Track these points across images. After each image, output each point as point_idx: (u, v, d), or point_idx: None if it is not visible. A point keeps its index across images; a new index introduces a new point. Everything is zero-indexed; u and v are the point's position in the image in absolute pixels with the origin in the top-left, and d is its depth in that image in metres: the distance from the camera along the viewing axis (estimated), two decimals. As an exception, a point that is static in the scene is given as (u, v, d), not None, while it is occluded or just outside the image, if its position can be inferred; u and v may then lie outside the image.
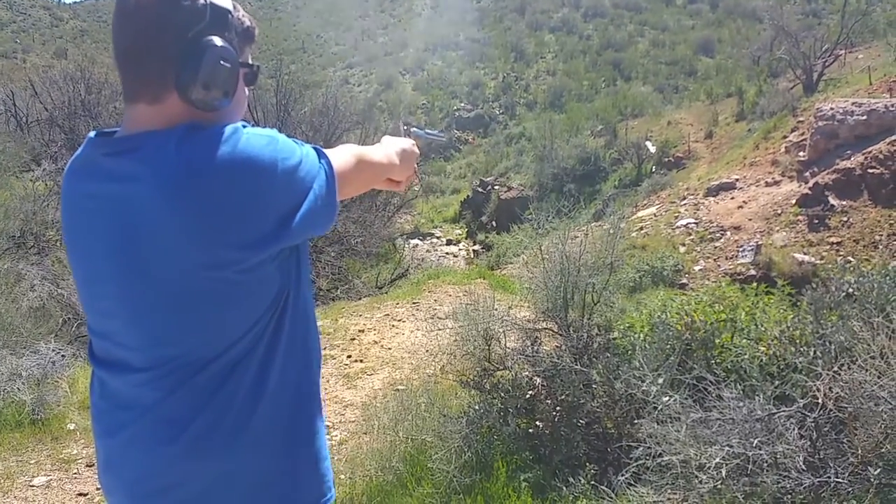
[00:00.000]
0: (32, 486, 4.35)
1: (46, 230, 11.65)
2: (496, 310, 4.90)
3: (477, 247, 23.16)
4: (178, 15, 1.15)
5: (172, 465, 1.22)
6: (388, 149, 1.68)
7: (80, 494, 4.26)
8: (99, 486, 4.24)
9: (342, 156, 1.41)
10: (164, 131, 1.15)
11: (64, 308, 8.68)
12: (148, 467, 1.23)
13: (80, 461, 4.65)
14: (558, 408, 3.95)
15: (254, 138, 1.16)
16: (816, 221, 11.80)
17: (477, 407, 4.21)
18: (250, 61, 1.32)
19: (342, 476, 4.24)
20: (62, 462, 4.63)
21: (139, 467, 1.24)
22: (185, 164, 1.10)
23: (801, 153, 14.53)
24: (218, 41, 1.18)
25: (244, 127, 1.18)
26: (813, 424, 2.72)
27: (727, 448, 2.71)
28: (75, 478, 4.46)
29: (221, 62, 1.17)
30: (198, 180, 1.10)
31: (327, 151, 1.33)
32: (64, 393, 5.39)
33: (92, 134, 1.27)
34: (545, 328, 4.87)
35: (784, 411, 2.79)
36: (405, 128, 1.92)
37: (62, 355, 5.82)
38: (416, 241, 23.41)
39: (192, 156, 1.11)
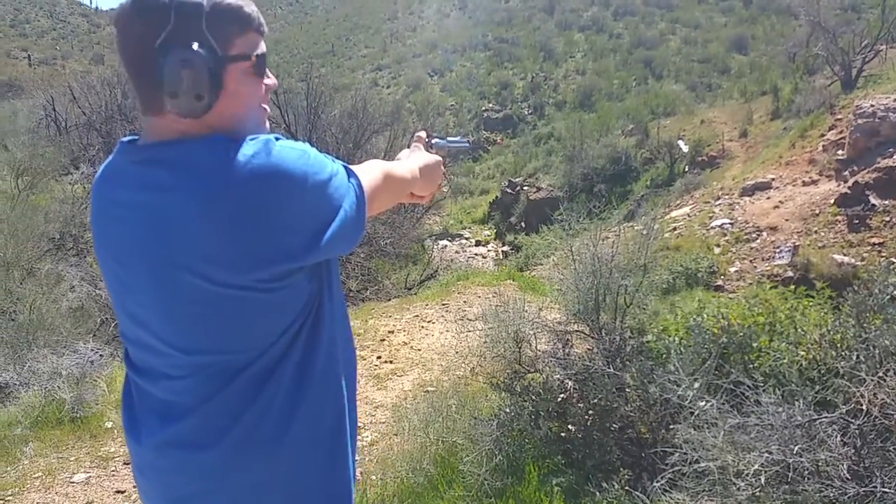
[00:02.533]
0: (73, 482, 4.43)
1: (85, 232, 11.90)
2: (526, 311, 4.88)
3: (506, 248, 23.06)
4: (146, 25, 1.13)
5: (210, 471, 1.22)
6: (411, 164, 1.68)
7: (118, 492, 4.33)
8: (135, 485, 4.32)
9: (370, 173, 1.40)
10: (194, 142, 1.15)
11: (102, 308, 8.85)
12: (185, 473, 1.24)
13: (117, 459, 4.72)
14: (591, 412, 3.90)
15: (285, 151, 1.15)
16: (857, 222, 11.50)
17: (508, 409, 4.18)
18: (256, 50, 1.24)
19: (373, 477, 4.25)
20: (100, 459, 4.71)
21: (176, 473, 1.25)
22: (215, 177, 1.10)
23: (840, 152, 14.19)
24: (180, 45, 1.13)
25: (277, 139, 1.17)
26: (857, 431, 2.64)
27: (766, 454, 2.65)
28: (113, 475, 4.54)
29: (182, 67, 1.12)
30: (229, 192, 1.09)
31: (355, 169, 1.32)
32: (102, 392, 5.49)
33: (124, 139, 1.27)
34: (576, 330, 4.83)
35: (826, 417, 2.72)
36: (427, 139, 1.91)
37: (100, 355, 5.93)
38: (444, 242, 23.40)
39: (223, 168, 1.10)
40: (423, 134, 1.88)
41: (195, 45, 1.13)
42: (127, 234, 1.19)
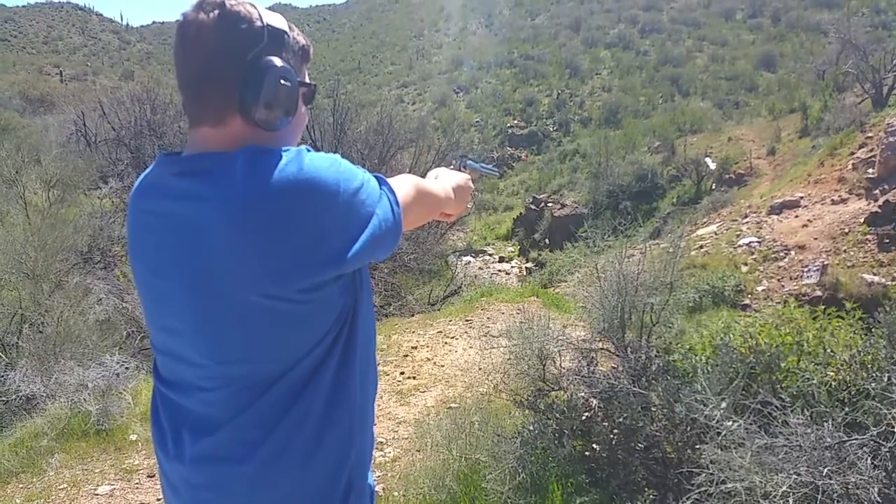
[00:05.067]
0: (97, 494, 4.47)
1: (112, 246, 12.09)
2: (550, 329, 4.84)
3: (530, 265, 23.00)
4: (236, 38, 1.17)
5: (243, 485, 1.22)
6: (445, 182, 1.71)
7: (142, 504, 4.36)
8: (159, 497, 4.35)
9: (403, 186, 1.42)
10: (230, 154, 1.17)
11: (128, 321, 8.96)
12: (218, 488, 1.24)
13: (141, 471, 4.75)
14: (615, 430, 3.86)
15: (317, 160, 1.17)
16: (887, 241, 11.31)
17: (531, 427, 4.15)
18: (307, 80, 1.34)
19: (395, 493, 4.23)
20: (125, 472, 4.75)
21: (209, 488, 1.25)
22: (251, 188, 1.11)
23: (870, 170, 14.00)
24: (278, 61, 1.20)
25: (308, 150, 1.19)
26: (888, 454, 2.59)
27: (794, 476, 2.60)
28: (137, 488, 4.57)
29: (282, 81, 1.20)
30: (264, 204, 1.11)
31: (388, 180, 1.34)
32: (127, 404, 5.54)
33: (164, 153, 1.30)
34: (601, 348, 4.79)
35: (856, 439, 2.67)
36: (461, 159, 1.97)
37: (126, 367, 5.98)
38: (468, 258, 23.38)
39: (259, 179, 1.12)
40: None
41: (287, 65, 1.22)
42: (161, 244, 1.21)
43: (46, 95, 38.95)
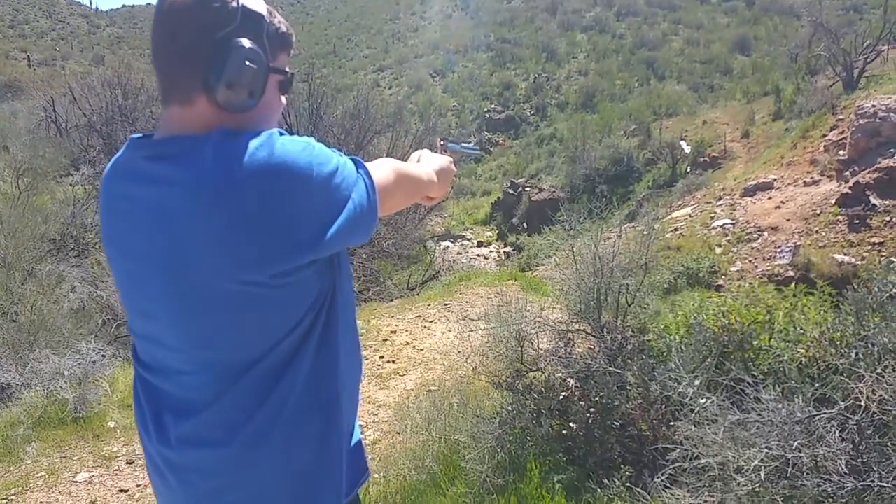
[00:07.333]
0: (76, 481, 4.45)
1: (86, 233, 11.92)
2: (528, 311, 4.89)
3: (508, 249, 23.07)
4: (207, 16, 1.16)
5: (226, 467, 1.22)
6: (427, 166, 1.69)
7: (122, 491, 4.36)
8: (139, 483, 4.34)
9: (382, 170, 1.40)
10: (200, 136, 1.16)
11: (103, 309, 8.86)
12: (201, 470, 1.24)
13: (120, 458, 4.74)
14: (592, 409, 3.91)
15: (289, 144, 1.16)
16: (857, 221, 11.51)
17: (510, 408, 4.19)
18: (287, 69, 1.32)
19: (376, 475, 4.27)
20: (103, 459, 4.73)
21: (193, 471, 1.25)
22: (221, 171, 1.10)
23: (841, 152, 14.20)
24: (245, 42, 1.18)
25: (281, 134, 1.18)
26: (855, 427, 2.66)
27: (766, 450, 2.66)
28: (116, 474, 4.56)
29: (247, 63, 1.18)
30: (234, 187, 1.09)
31: (367, 164, 1.33)
32: (104, 392, 5.50)
33: (135, 136, 1.28)
34: (578, 329, 4.84)
35: (825, 413, 2.73)
36: (441, 143, 1.97)
37: (102, 355, 5.94)
38: (446, 243, 23.40)
39: (229, 162, 1.11)
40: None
41: (257, 48, 1.20)
42: (134, 228, 1.20)
43: (14, 81, 38.08)
